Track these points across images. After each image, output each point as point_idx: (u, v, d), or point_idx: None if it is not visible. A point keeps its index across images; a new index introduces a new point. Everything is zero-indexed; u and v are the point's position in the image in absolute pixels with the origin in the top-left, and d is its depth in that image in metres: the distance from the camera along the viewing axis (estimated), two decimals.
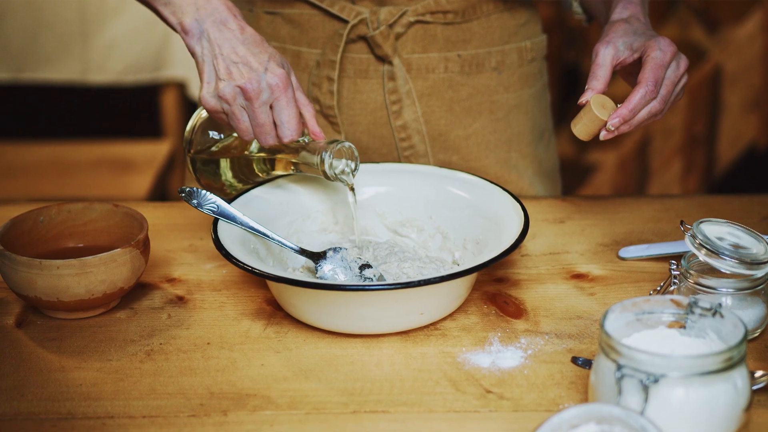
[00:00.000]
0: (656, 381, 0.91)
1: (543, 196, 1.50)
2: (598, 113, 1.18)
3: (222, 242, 1.16)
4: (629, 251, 1.31)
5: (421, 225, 1.31)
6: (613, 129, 1.18)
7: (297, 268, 1.27)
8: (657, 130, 3.45)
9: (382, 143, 1.43)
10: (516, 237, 1.15)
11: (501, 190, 1.26)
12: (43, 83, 2.73)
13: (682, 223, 1.14)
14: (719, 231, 1.13)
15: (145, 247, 1.20)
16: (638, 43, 1.20)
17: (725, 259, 1.09)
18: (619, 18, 1.24)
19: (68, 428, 1.00)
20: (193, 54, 1.20)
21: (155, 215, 1.38)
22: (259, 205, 1.26)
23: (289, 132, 1.19)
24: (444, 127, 1.43)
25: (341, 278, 1.21)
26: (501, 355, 1.11)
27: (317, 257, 1.23)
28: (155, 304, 1.22)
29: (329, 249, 1.23)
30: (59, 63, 2.72)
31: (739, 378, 0.93)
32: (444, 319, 1.17)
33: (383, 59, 1.38)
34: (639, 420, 0.89)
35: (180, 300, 1.23)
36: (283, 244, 1.22)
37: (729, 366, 0.92)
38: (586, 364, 1.08)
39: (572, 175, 3.55)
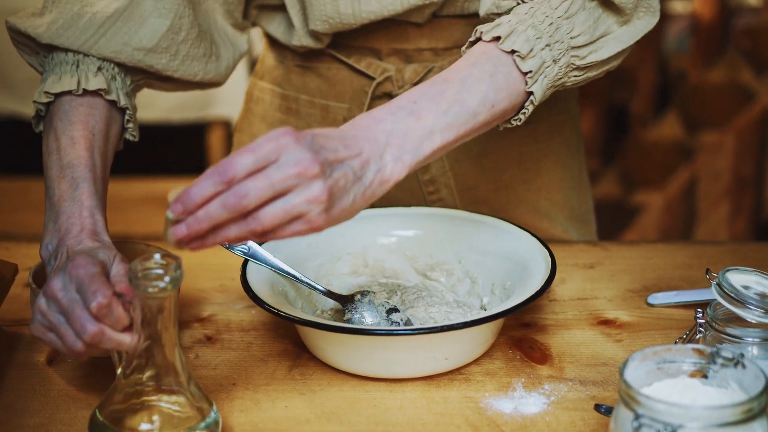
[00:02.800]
0: (674, 431, 0.91)
1: (574, 241, 1.50)
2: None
3: (250, 284, 1.18)
4: (658, 298, 1.30)
5: (451, 269, 1.31)
6: (171, 216, 0.95)
7: (326, 309, 1.28)
8: (705, 173, 3.43)
9: (410, 195, 1.43)
10: (543, 282, 1.15)
11: (529, 235, 1.26)
12: None
13: (708, 271, 1.13)
14: (746, 280, 1.12)
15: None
16: None
17: (751, 309, 1.09)
18: None
19: None
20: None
21: (188, 254, 1.39)
22: (290, 247, 1.27)
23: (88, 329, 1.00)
24: (472, 181, 1.43)
25: (368, 322, 1.22)
26: (524, 401, 1.11)
27: (345, 300, 1.24)
28: (184, 344, 1.24)
29: (357, 292, 1.24)
30: None
31: (759, 429, 0.92)
32: (468, 364, 1.17)
33: None
34: None
35: (208, 340, 1.25)
36: (312, 286, 1.23)
37: (749, 417, 0.91)
38: (609, 411, 1.08)
39: (618, 217, 3.54)
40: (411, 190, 1.43)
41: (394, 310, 1.22)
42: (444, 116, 1.05)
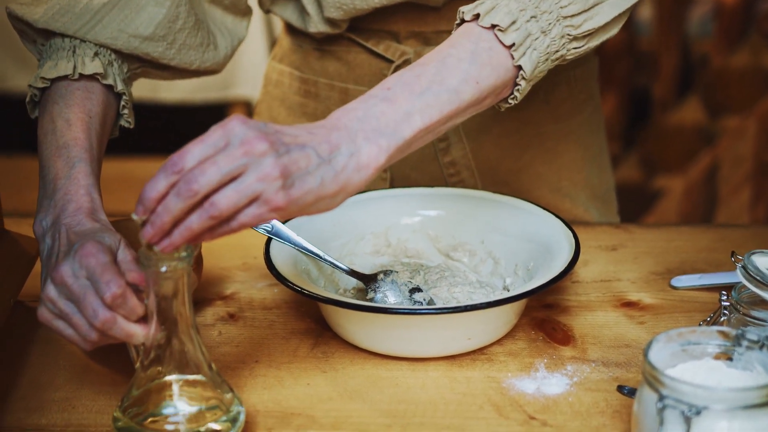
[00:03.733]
0: (699, 413, 0.90)
1: (597, 223, 1.49)
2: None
3: (273, 262, 1.18)
4: (681, 280, 1.29)
5: (473, 249, 1.31)
6: (135, 218, 0.95)
7: (348, 289, 1.28)
8: (726, 158, 3.41)
9: (431, 178, 1.43)
10: (566, 264, 1.15)
11: (552, 216, 1.26)
12: None
13: (733, 254, 1.13)
14: None
15: (198, 264, 1.23)
16: None
17: None
18: None
19: None
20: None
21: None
22: (313, 227, 1.27)
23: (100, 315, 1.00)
24: (493, 162, 1.42)
25: (391, 301, 1.22)
26: (546, 381, 1.11)
27: (368, 280, 1.24)
28: (207, 321, 1.24)
29: (380, 272, 1.24)
30: None
31: None
32: (491, 344, 1.17)
33: None
34: None
35: (231, 317, 1.25)
36: (335, 265, 1.23)
37: None
38: (632, 393, 1.07)
39: (638, 201, 3.52)
40: (432, 173, 1.43)
41: (417, 289, 1.22)
42: (420, 97, 1.02)
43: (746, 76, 3.56)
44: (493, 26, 1.06)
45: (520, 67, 1.08)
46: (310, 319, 1.23)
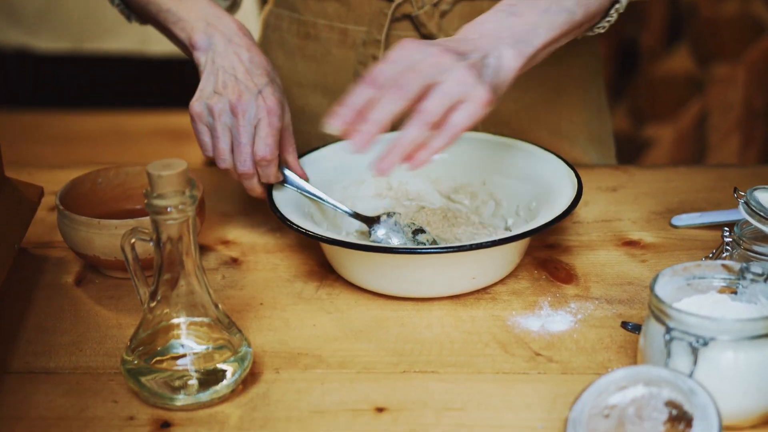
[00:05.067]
0: (706, 344, 0.91)
1: (597, 164, 1.49)
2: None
3: (277, 206, 1.18)
4: (682, 219, 1.30)
5: (475, 191, 1.31)
6: (330, 129, 1.03)
7: (351, 232, 1.28)
8: (716, 105, 3.41)
9: None
10: (569, 204, 1.15)
11: (555, 157, 1.26)
12: (103, 54, 2.77)
13: (735, 190, 1.13)
14: None
15: (200, 209, 1.23)
16: None
17: None
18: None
19: (124, 382, 1.02)
20: (198, 65, 1.21)
21: (211, 179, 1.40)
22: (314, 171, 1.27)
23: (261, 147, 1.16)
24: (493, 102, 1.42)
25: (394, 242, 1.22)
26: (551, 319, 1.12)
27: (371, 222, 1.24)
28: (210, 265, 1.24)
29: (383, 213, 1.25)
30: (119, 34, 2.76)
31: None
32: (494, 284, 1.18)
33: (429, 37, 1.38)
34: (687, 382, 0.89)
35: (234, 261, 1.25)
36: (338, 207, 1.23)
37: None
38: (636, 329, 1.08)
39: (629, 150, 3.52)
40: None
41: (420, 230, 1.23)
42: (545, 14, 1.10)
43: (735, 23, 3.55)
44: None
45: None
46: (314, 262, 1.24)
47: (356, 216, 1.24)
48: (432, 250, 1.10)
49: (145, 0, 1.27)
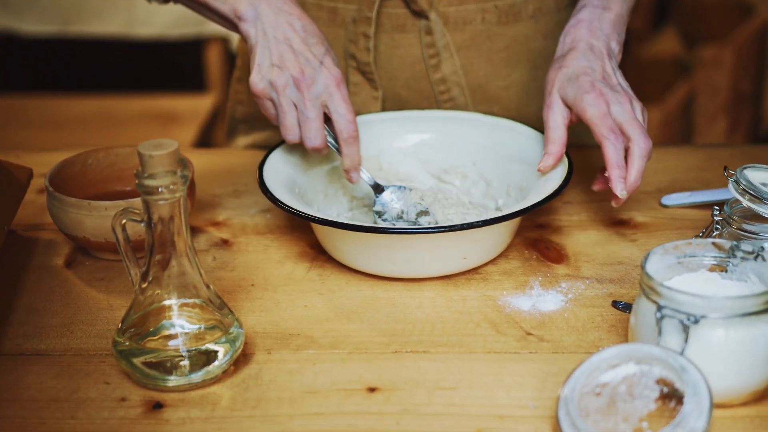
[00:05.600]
0: (696, 322, 0.92)
1: (586, 144, 1.49)
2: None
3: (268, 186, 1.17)
4: (672, 198, 1.30)
5: (465, 172, 1.31)
6: (626, 195, 1.14)
7: (342, 213, 1.28)
8: (703, 88, 3.42)
9: (422, 97, 1.42)
10: (559, 184, 1.16)
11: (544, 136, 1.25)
12: (90, 37, 2.76)
13: (725, 168, 1.13)
14: (763, 177, 1.13)
15: (190, 190, 1.22)
16: (570, 101, 1.18)
17: None
18: (559, 55, 1.23)
19: (115, 363, 1.02)
20: (247, 38, 1.19)
21: (201, 161, 1.40)
22: (303, 151, 1.27)
23: (345, 124, 1.16)
24: (483, 79, 1.42)
25: (397, 208, 1.22)
26: (542, 298, 1.12)
27: (379, 191, 1.24)
28: (200, 247, 1.24)
29: (393, 186, 1.25)
30: (106, 17, 2.74)
31: None
32: (485, 264, 1.18)
33: (419, 14, 1.37)
34: (678, 360, 0.90)
35: (225, 243, 1.25)
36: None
37: None
38: (627, 308, 1.09)
39: None
40: (422, 91, 1.42)
41: (425, 213, 1.23)
42: (623, 3, 1.25)
43: (722, 6, 3.56)
44: None
45: None
46: (305, 243, 1.24)
47: (375, 186, 1.24)
48: (423, 230, 1.10)
49: None
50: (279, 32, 1.17)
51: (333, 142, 1.20)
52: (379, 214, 1.24)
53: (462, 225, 1.09)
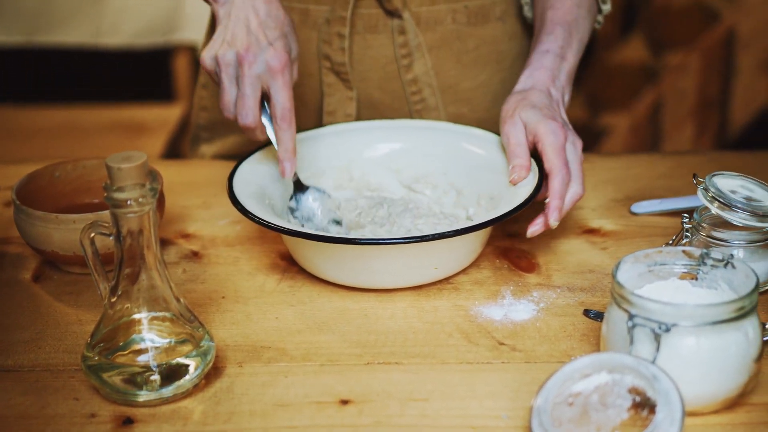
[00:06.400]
0: (668, 330, 0.92)
1: None
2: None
3: (238, 198, 1.17)
4: (642, 206, 1.31)
5: (436, 181, 1.31)
6: (556, 224, 1.15)
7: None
8: (670, 94, 3.44)
9: (393, 97, 1.43)
10: (530, 192, 1.16)
11: None
12: (56, 47, 2.74)
13: (695, 176, 1.14)
14: (732, 184, 1.13)
15: (159, 202, 1.21)
16: (531, 124, 1.19)
17: (738, 212, 1.10)
18: (521, 89, 1.24)
19: (85, 379, 1.01)
20: (217, 19, 1.21)
21: (169, 172, 1.38)
22: (273, 162, 1.26)
23: (280, 110, 1.17)
24: (453, 79, 1.43)
25: (313, 209, 1.23)
26: (513, 308, 1.12)
27: (300, 189, 1.24)
28: (170, 259, 1.23)
29: (315, 188, 1.25)
30: (72, 26, 2.72)
31: (750, 328, 0.94)
32: (457, 273, 1.18)
33: (393, 13, 1.38)
34: (650, 368, 0.90)
35: (195, 255, 1.24)
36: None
37: (740, 315, 0.93)
38: (598, 316, 1.09)
39: (584, 138, 3.54)
40: (393, 92, 1.42)
41: (338, 223, 1.22)
42: (578, 53, 1.30)
43: (688, 12, 3.58)
44: None
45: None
46: (275, 255, 1.23)
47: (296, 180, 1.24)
48: (393, 241, 1.09)
49: None
50: (241, 13, 1.18)
51: (271, 129, 1.21)
52: (292, 210, 1.24)
53: (432, 236, 1.09)
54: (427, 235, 1.09)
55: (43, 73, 3.03)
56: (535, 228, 1.16)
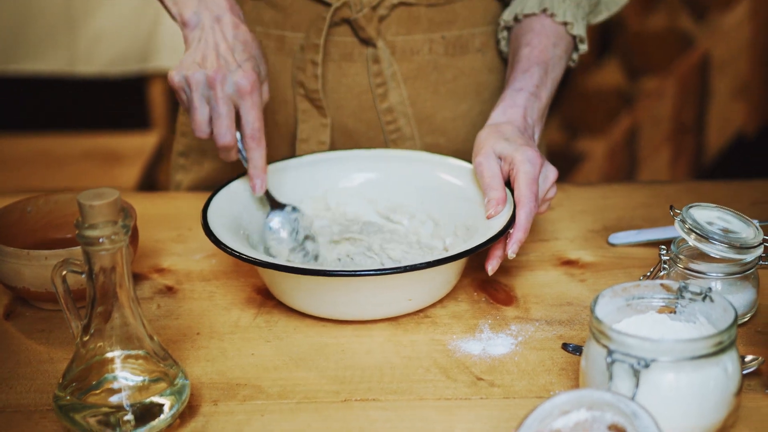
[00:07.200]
0: (647, 366, 0.91)
1: None
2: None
3: (212, 230, 1.15)
4: (619, 237, 1.30)
5: (413, 212, 1.30)
6: (514, 256, 1.14)
7: (287, 257, 1.27)
8: (645, 119, 3.45)
9: (369, 127, 1.42)
10: (505, 222, 1.15)
11: None
12: (29, 75, 2.72)
13: (671, 207, 1.14)
14: (709, 216, 1.13)
15: (133, 237, 1.20)
16: (507, 153, 1.18)
17: (715, 244, 1.09)
18: (494, 122, 1.24)
19: (57, 419, 0.99)
20: (186, 43, 1.22)
21: (143, 205, 1.37)
22: (248, 193, 1.25)
23: (249, 128, 1.19)
24: (430, 110, 1.42)
25: (283, 236, 1.24)
26: (491, 342, 1.11)
27: (276, 206, 1.25)
28: (144, 295, 1.22)
29: (290, 206, 1.26)
30: (46, 54, 2.71)
31: (729, 362, 0.93)
32: (434, 306, 1.17)
33: (367, 42, 1.38)
34: (630, 405, 0.89)
35: (169, 290, 1.23)
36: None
37: (719, 350, 0.92)
38: (577, 350, 1.08)
39: (561, 164, 3.53)
40: (368, 121, 1.42)
41: (311, 238, 1.23)
42: (550, 93, 1.31)
43: (663, 37, 3.60)
44: (565, 23, 1.34)
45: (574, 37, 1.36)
46: (251, 289, 1.22)
47: (267, 195, 1.26)
48: (366, 273, 1.08)
49: None
50: (211, 38, 1.21)
51: (243, 150, 1.23)
52: (270, 229, 1.25)
53: (405, 267, 1.07)
54: (399, 267, 1.07)
55: (17, 101, 3.01)
56: (493, 264, 1.15)
